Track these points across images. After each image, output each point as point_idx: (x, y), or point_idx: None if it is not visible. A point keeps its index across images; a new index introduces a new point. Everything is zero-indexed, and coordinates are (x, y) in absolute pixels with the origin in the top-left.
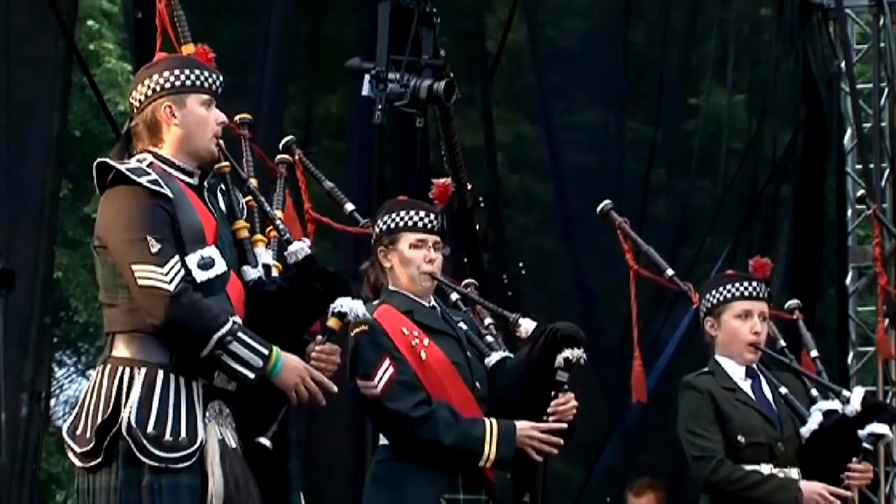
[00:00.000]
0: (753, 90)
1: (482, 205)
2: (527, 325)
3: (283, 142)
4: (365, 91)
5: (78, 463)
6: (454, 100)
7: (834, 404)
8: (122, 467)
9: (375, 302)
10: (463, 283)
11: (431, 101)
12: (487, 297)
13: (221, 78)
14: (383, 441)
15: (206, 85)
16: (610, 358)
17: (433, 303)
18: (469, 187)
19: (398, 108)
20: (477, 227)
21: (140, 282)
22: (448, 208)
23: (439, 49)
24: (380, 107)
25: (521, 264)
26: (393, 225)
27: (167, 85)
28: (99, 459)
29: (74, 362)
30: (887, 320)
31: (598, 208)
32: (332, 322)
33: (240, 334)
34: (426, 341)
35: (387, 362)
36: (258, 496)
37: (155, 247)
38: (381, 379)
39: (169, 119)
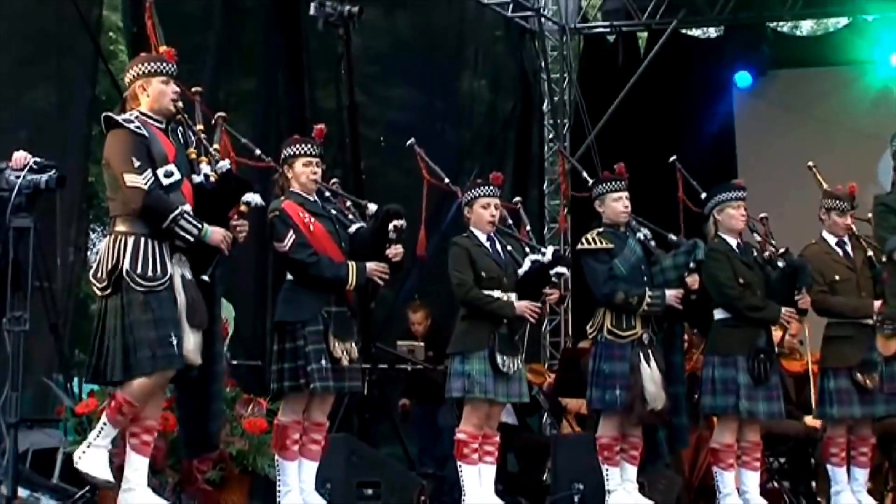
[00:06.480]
0: (492, 77)
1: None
2: (372, 207)
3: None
4: (312, 11)
5: (98, 293)
6: (362, 17)
7: (537, 256)
8: (125, 293)
9: (282, 198)
10: (331, 181)
11: (350, 18)
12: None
13: (175, 67)
14: (289, 277)
15: (164, 71)
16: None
17: (315, 198)
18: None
19: (327, 28)
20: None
21: (128, 183)
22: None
23: None
24: (321, 21)
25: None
26: (292, 153)
27: (141, 72)
28: (110, 290)
29: (101, 229)
30: (566, 210)
31: (407, 144)
32: (243, 208)
33: (185, 216)
34: (313, 220)
35: (290, 231)
36: (204, 307)
37: (136, 164)
38: (288, 240)
39: (142, 92)
